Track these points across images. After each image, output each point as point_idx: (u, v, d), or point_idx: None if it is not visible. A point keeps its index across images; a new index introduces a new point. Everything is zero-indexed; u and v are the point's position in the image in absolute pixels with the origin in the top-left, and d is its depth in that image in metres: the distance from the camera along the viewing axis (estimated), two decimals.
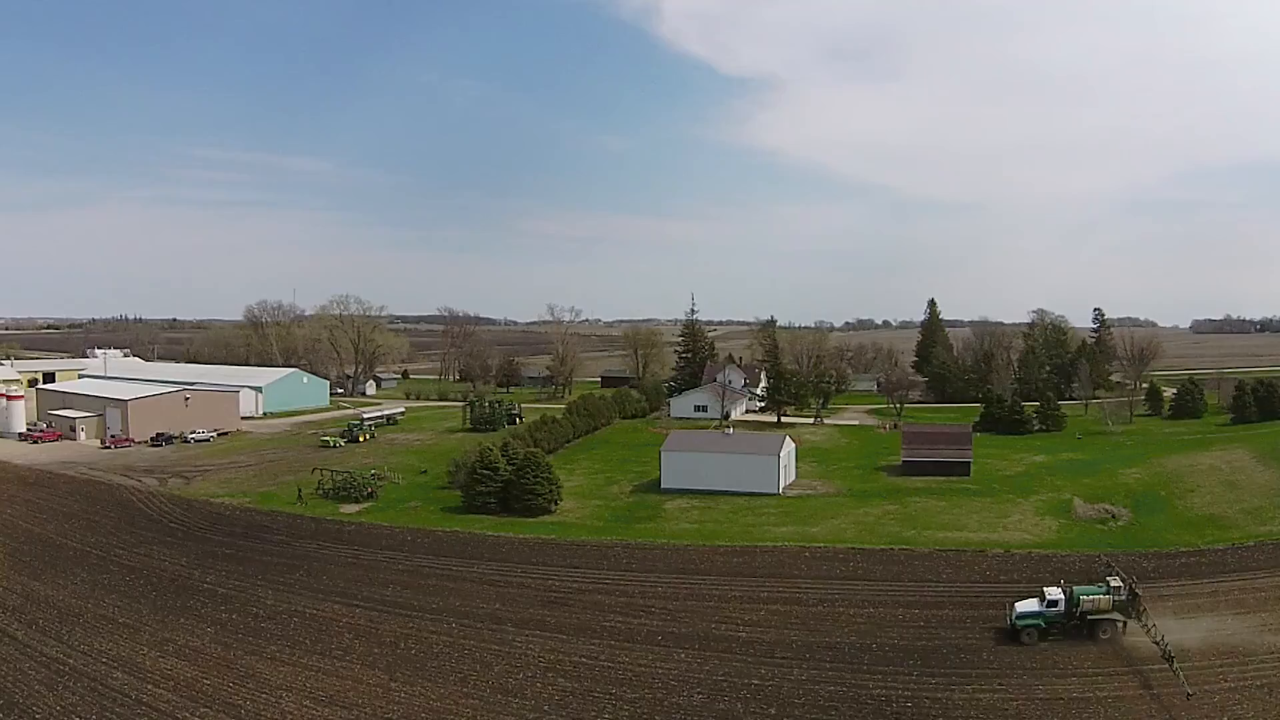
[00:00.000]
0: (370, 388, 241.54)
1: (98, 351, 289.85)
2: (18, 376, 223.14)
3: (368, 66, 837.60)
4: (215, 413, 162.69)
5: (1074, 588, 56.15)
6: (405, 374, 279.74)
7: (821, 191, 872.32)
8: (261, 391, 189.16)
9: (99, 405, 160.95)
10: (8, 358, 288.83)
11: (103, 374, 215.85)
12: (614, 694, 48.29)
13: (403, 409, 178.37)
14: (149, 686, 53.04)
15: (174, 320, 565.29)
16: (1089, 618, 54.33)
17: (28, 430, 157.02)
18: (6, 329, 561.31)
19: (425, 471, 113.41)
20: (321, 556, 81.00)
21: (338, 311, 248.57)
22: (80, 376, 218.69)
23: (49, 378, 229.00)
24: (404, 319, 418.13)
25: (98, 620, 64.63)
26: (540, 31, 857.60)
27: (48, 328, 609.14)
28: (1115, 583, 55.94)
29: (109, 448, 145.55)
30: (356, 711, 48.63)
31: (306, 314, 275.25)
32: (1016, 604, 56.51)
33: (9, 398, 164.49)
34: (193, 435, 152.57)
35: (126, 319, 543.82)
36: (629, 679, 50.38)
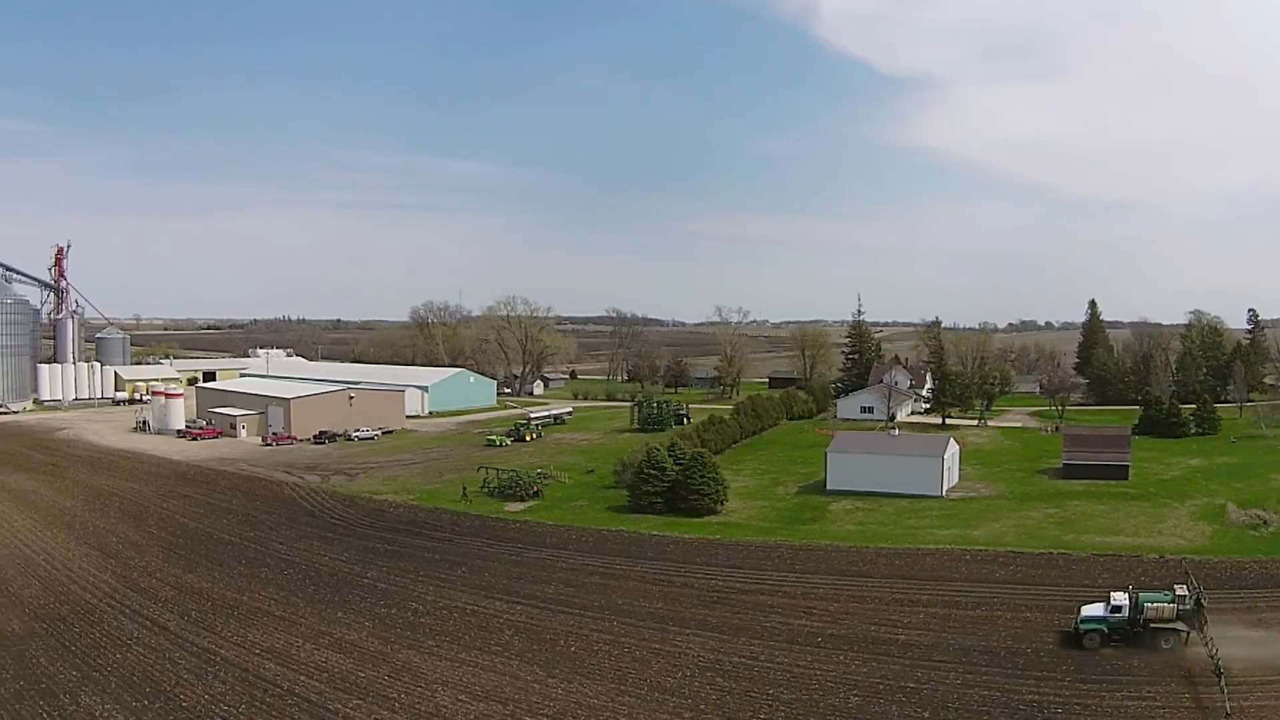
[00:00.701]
0: (538, 388, 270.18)
1: (260, 351, 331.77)
2: (177, 375, 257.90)
3: (532, 68, 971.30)
4: (380, 412, 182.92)
5: (1139, 594, 61.34)
6: (573, 374, 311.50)
7: (982, 191, 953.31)
8: (427, 391, 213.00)
9: (260, 403, 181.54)
10: (166, 356, 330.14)
11: (265, 373, 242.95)
12: (771, 695, 53.55)
13: (570, 409, 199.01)
14: (301, 677, 59.16)
15: (338, 321, 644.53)
16: (1151, 626, 59.51)
17: (186, 427, 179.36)
18: (165, 329, 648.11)
19: (592, 471, 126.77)
20: (484, 554, 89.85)
21: (505, 312, 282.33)
22: (241, 375, 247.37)
23: (209, 376, 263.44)
24: (571, 320, 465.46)
25: (252, 612, 73.05)
26: (701, 33, 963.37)
27: (208, 328, 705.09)
28: (1181, 591, 60.69)
29: (270, 445, 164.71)
30: (512, 707, 53.71)
31: (473, 315, 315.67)
32: (1082, 608, 62.15)
33: (168, 395, 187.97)
34: (357, 434, 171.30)
35: (290, 320, 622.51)
36: (787, 680, 55.73)
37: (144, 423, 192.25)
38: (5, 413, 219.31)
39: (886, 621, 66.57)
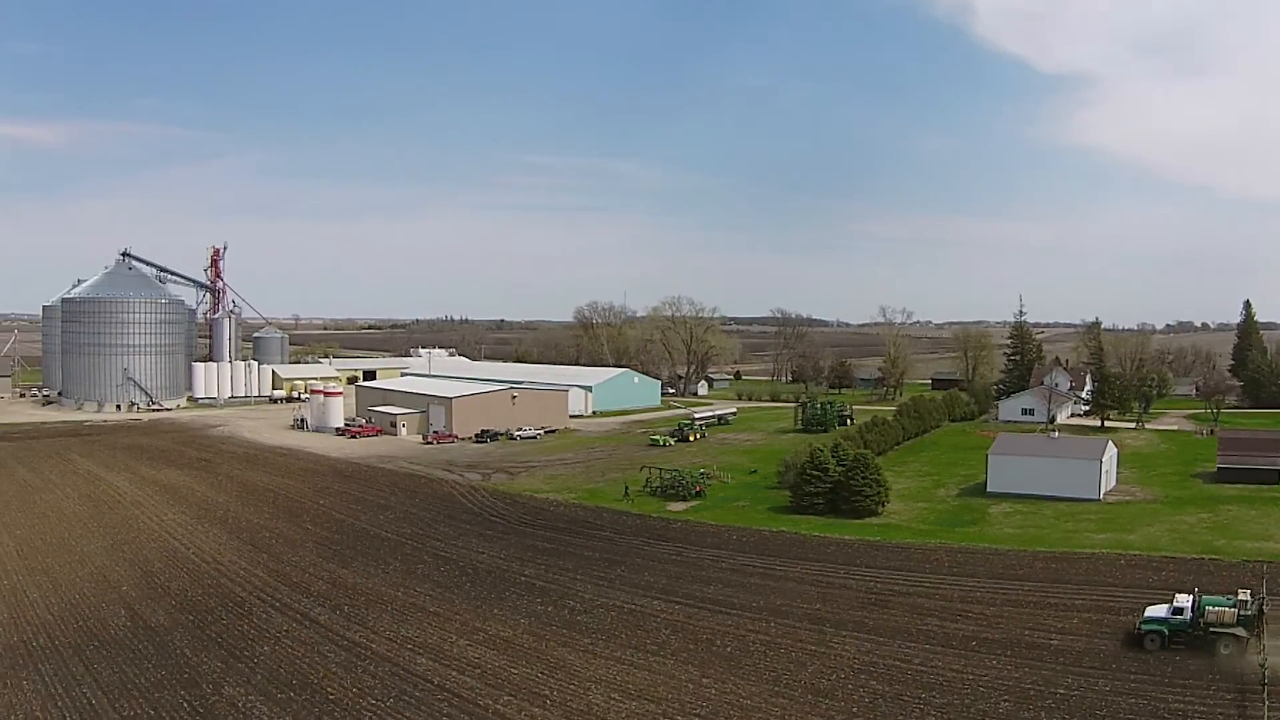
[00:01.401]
0: (702, 388, 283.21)
1: (421, 351, 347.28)
2: (336, 374, 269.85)
3: (696, 70, 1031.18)
4: (543, 411, 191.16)
5: (1203, 597, 64.45)
6: (737, 374, 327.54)
7: (1140, 190, 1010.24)
8: (591, 391, 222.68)
9: (421, 402, 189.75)
10: (326, 356, 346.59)
11: (426, 372, 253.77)
12: (923, 699, 55.90)
13: (735, 409, 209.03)
14: (453, 673, 61.62)
15: (502, 321, 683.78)
16: (1211, 630, 62.33)
17: (345, 425, 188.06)
18: (325, 329, 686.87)
19: (755, 471, 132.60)
20: (644, 553, 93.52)
21: (670, 313, 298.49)
22: (403, 375, 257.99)
23: (369, 375, 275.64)
24: (736, 320, 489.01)
25: (407, 608, 76.05)
26: (859, 32, 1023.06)
27: (368, 328, 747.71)
28: (1243, 596, 63.80)
29: (431, 443, 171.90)
30: (664, 706, 55.73)
31: (638, 315, 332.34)
32: (1147, 609, 65.98)
33: (326, 394, 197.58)
34: (519, 432, 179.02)
35: (452, 320, 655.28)
36: (939, 684, 58.07)
37: (301, 420, 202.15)
38: (158, 410, 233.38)
39: (1040, 626, 68.81)
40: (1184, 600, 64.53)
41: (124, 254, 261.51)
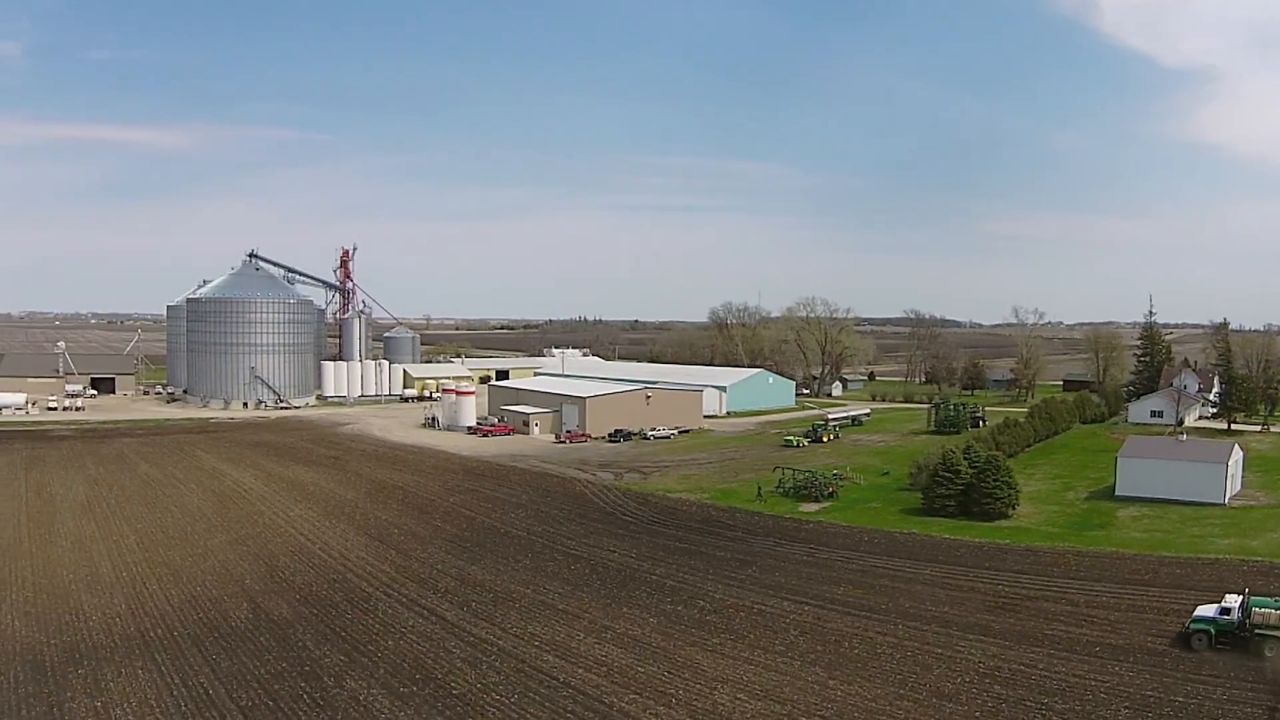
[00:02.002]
0: (836, 389, 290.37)
1: (555, 350, 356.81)
2: (468, 373, 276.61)
3: (825, 70, 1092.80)
4: (677, 411, 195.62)
5: (1251, 598, 66.94)
6: (871, 375, 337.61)
7: (1265, 187, 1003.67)
8: (725, 391, 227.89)
9: (554, 401, 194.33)
10: (458, 355, 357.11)
11: (560, 372, 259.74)
12: (1045, 704, 57.39)
13: (868, 410, 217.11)
14: (579, 670, 63.00)
15: (635, 322, 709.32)
16: (1257, 632, 64.40)
17: (477, 424, 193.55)
18: (458, 329, 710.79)
19: (887, 473, 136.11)
20: (775, 553, 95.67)
21: (804, 313, 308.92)
22: (536, 374, 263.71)
23: (502, 375, 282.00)
24: (870, 321, 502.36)
25: (535, 605, 77.56)
26: (982, 28, 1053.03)
27: (501, 328, 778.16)
28: None
29: (563, 442, 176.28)
30: (789, 707, 57.23)
31: (772, 316, 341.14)
32: (1198, 608, 68.40)
33: (459, 393, 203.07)
34: (653, 432, 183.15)
35: (586, 320, 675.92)
36: (1062, 689, 59.59)
37: (433, 419, 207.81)
38: (286, 408, 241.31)
39: (1163, 633, 69.81)
40: (1232, 601, 67.11)
41: (251, 255, 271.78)
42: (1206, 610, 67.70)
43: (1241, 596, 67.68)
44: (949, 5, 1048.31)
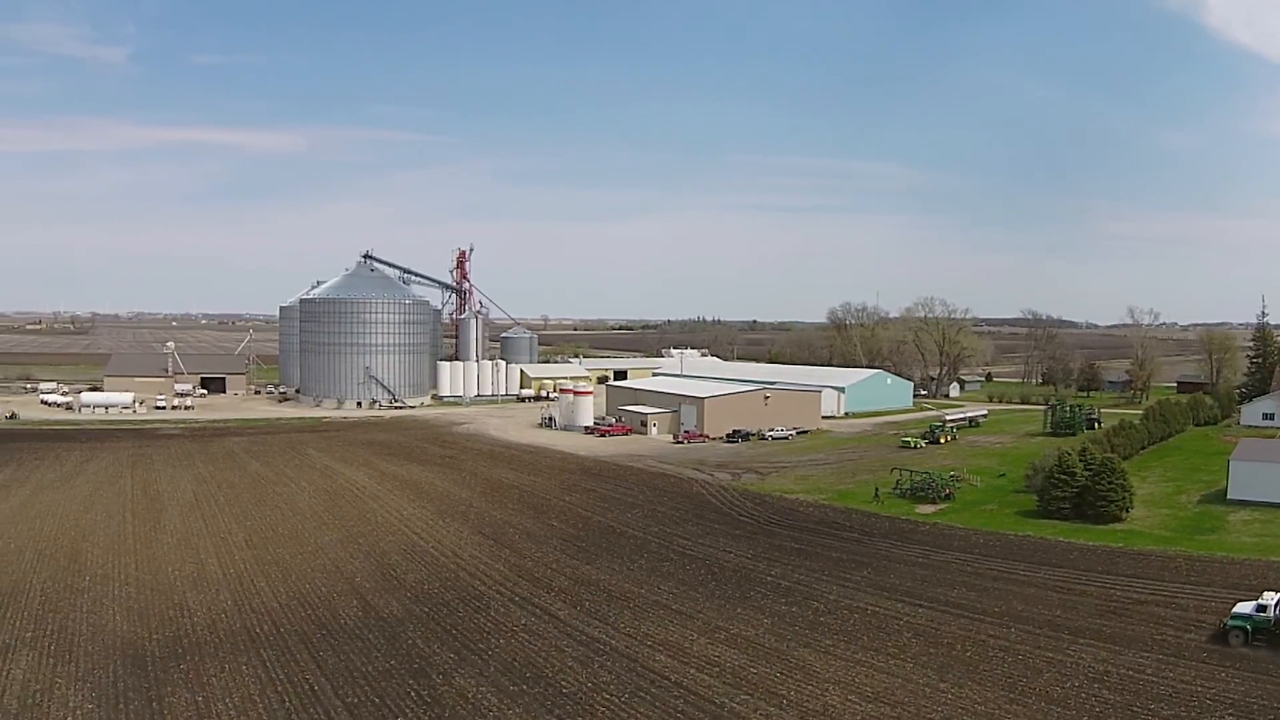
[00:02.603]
0: (954, 390, 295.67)
1: (673, 351, 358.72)
2: (585, 373, 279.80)
3: (941, 71, 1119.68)
4: (795, 411, 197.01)
5: None
6: (988, 377, 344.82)
7: None
8: (844, 391, 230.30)
9: (673, 401, 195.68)
10: (576, 355, 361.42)
11: (678, 372, 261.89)
12: (1152, 710, 58.39)
13: (985, 411, 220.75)
14: (691, 670, 63.66)
15: (754, 322, 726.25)
16: None
17: (594, 424, 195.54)
18: (575, 329, 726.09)
19: (1004, 474, 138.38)
20: (891, 555, 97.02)
21: (922, 314, 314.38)
22: (654, 374, 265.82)
23: (620, 375, 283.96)
24: (987, 321, 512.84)
25: (649, 605, 78.26)
26: (1090, 24, 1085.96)
27: (619, 328, 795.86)
28: None
29: (681, 442, 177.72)
30: (900, 709, 58.17)
31: (891, 316, 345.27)
32: (1236, 605, 71.20)
33: (576, 393, 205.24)
34: (771, 433, 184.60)
35: (705, 320, 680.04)
36: (1169, 695, 60.57)
37: (550, 419, 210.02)
38: (400, 407, 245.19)
39: None
40: (1270, 598, 69.89)
41: (365, 256, 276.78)
42: (1244, 607, 70.38)
43: (1278, 594, 70.45)
44: (1060, 2, 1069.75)
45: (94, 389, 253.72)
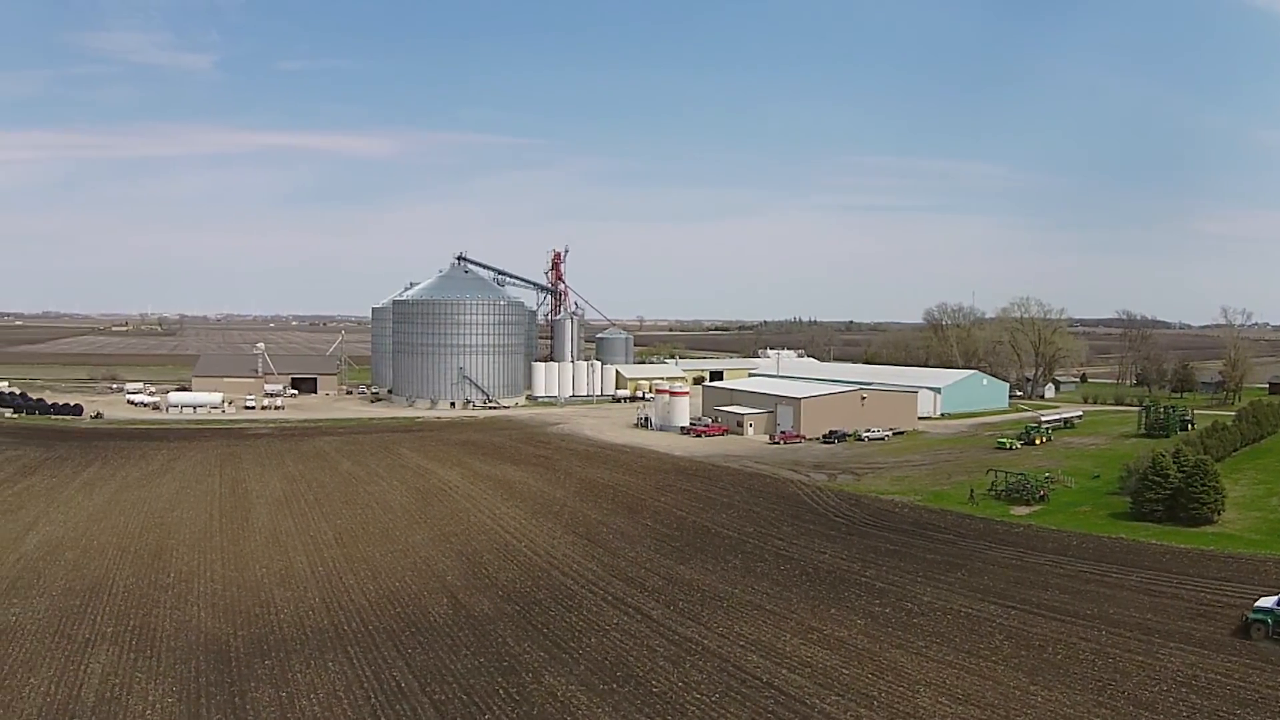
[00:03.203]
0: (1049, 390, 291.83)
1: (770, 351, 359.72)
2: (681, 374, 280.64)
3: (1032, 69, 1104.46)
4: (891, 412, 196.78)
5: None
6: (1083, 377, 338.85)
7: None
8: (940, 392, 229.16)
9: (769, 402, 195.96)
10: (672, 356, 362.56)
11: (774, 372, 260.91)
12: (1239, 715, 58.51)
13: (1080, 412, 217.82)
14: (783, 671, 63.87)
15: (850, 323, 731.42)
16: None
17: (690, 424, 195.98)
18: (670, 330, 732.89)
19: (1097, 476, 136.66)
20: (985, 556, 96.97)
21: (1017, 314, 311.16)
22: (750, 375, 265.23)
23: (716, 376, 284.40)
24: (1082, 322, 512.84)
25: (742, 606, 78.39)
26: (1185, 22, 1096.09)
27: (716, 329, 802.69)
28: None
29: (777, 443, 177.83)
30: (989, 712, 58.67)
31: (986, 316, 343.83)
32: (1259, 599, 73.26)
33: (672, 393, 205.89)
34: (867, 434, 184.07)
35: (801, 321, 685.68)
36: (1255, 701, 60.54)
37: (645, 419, 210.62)
38: (494, 407, 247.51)
39: None
40: None
41: (459, 258, 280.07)
42: (1267, 601, 72.61)
43: None
44: (1156, 1, 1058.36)
45: (182, 389, 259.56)
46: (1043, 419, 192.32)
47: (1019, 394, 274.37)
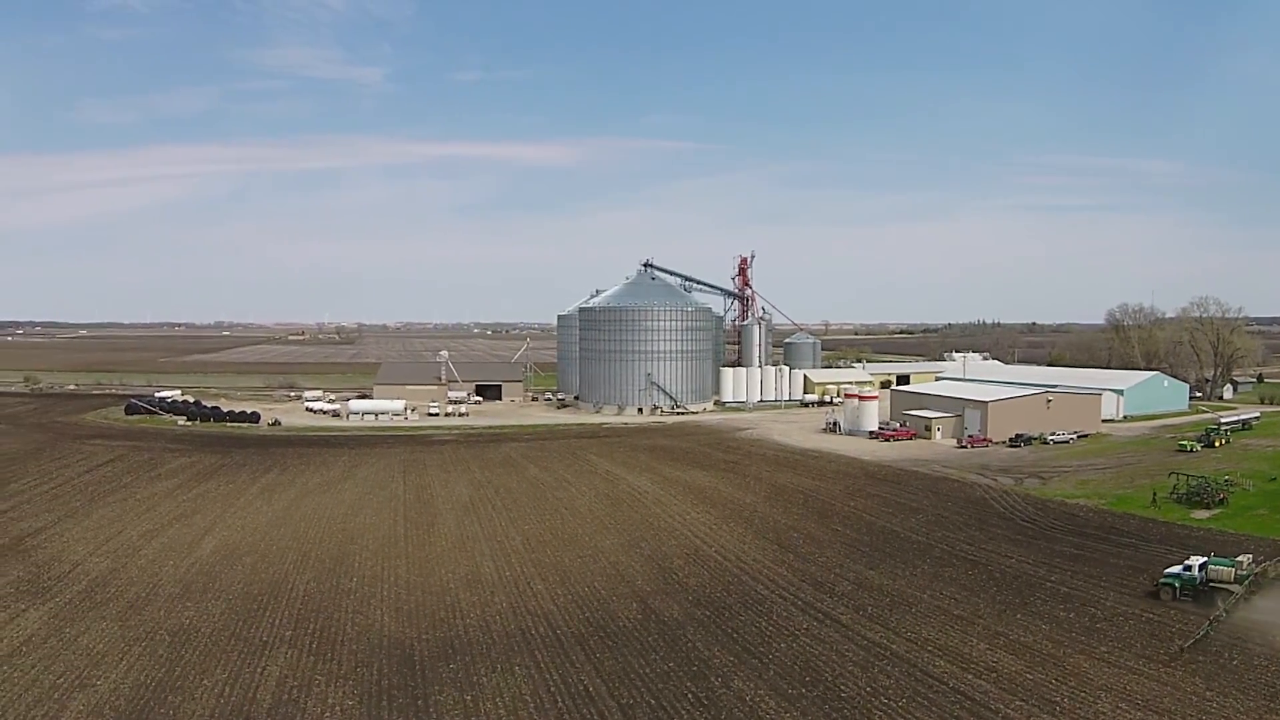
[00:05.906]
0: (1227, 391, 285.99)
1: (955, 354, 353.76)
2: (869, 378, 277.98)
3: (1215, 65, 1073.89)
4: (1075, 415, 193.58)
5: (1212, 559, 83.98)
6: (1260, 378, 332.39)
7: None
8: (1122, 394, 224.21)
9: (956, 406, 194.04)
10: (859, 360, 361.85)
11: (960, 376, 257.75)
12: None
13: (1258, 414, 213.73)
14: (969, 676, 64.26)
15: (1033, 324, 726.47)
16: (1212, 585, 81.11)
17: (879, 429, 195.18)
18: (856, 334, 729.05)
19: (1275, 479, 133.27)
20: (1166, 561, 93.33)
21: (1197, 314, 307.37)
22: (937, 378, 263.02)
23: (903, 379, 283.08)
24: (1258, 320, 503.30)
25: (930, 610, 78.58)
26: None
27: (900, 332, 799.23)
28: (1245, 560, 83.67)
29: (965, 447, 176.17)
30: (1167, 718, 58.76)
31: (1167, 316, 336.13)
32: (1167, 568, 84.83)
33: (860, 398, 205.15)
34: (1052, 437, 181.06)
35: (984, 323, 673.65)
36: None
37: (834, 424, 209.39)
38: (682, 413, 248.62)
39: None
40: (1196, 561, 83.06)
41: (645, 264, 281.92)
42: (1174, 569, 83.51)
43: (1204, 558, 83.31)
44: None
45: (362, 397, 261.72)
46: (1222, 421, 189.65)
47: (1198, 395, 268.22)
